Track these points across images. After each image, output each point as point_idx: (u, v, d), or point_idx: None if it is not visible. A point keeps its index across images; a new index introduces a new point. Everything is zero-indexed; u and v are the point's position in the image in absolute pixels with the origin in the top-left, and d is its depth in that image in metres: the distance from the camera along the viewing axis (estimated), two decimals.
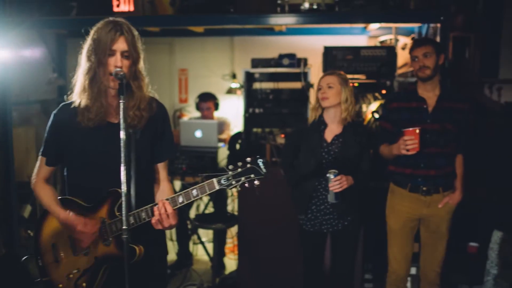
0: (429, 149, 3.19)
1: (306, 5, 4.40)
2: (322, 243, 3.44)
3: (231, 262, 5.11)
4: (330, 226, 3.33)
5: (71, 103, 2.24)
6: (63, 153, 2.28)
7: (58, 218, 2.27)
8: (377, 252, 3.90)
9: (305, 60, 4.79)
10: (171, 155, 2.51)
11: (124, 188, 2.01)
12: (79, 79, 2.19)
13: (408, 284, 3.98)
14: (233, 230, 5.01)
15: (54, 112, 2.30)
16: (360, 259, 3.99)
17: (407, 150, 3.04)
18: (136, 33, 2.21)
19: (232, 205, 5.16)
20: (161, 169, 2.43)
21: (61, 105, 2.31)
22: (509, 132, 3.13)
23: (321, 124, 3.33)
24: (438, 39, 4.25)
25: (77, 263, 2.27)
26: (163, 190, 2.41)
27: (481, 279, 3.25)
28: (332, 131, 3.31)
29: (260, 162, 2.05)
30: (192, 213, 5.03)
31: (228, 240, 5.30)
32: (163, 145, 2.39)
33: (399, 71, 5.00)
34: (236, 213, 4.63)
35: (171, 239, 4.95)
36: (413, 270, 3.92)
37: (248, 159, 2.07)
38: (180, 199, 2.15)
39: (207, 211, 5.11)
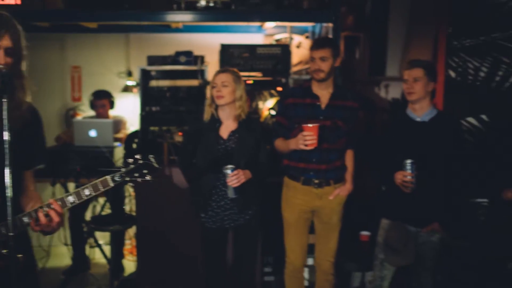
0: (321, 145, 3.27)
1: (203, 2, 4.42)
2: (224, 239, 3.46)
3: (130, 264, 4.99)
4: (232, 221, 3.35)
5: None
6: None
7: None
8: (276, 246, 3.98)
9: (202, 58, 4.79)
10: (42, 163, 2.30)
11: (9, 192, 1.82)
12: None
13: (306, 275, 4.11)
14: (131, 231, 4.90)
15: None
16: (259, 253, 4.05)
17: (306, 145, 3.10)
18: (21, 29, 2.05)
19: (129, 206, 5.05)
20: (30, 176, 2.26)
21: None
22: (396, 128, 3.32)
23: (216, 122, 3.34)
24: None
25: None
26: (32, 199, 2.24)
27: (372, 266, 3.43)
28: (227, 127, 3.33)
29: (151, 157, 2.07)
30: (88, 215, 4.85)
31: (127, 242, 5.18)
32: (35, 151, 2.23)
33: (294, 69, 5.15)
34: (134, 213, 4.53)
35: (66, 244, 4.74)
36: (310, 261, 4.05)
37: (138, 156, 2.06)
38: (71, 199, 2.03)
39: (103, 213, 4.95)
